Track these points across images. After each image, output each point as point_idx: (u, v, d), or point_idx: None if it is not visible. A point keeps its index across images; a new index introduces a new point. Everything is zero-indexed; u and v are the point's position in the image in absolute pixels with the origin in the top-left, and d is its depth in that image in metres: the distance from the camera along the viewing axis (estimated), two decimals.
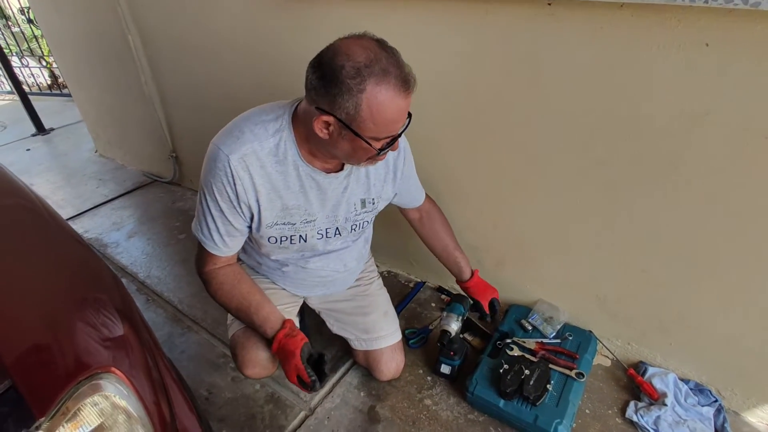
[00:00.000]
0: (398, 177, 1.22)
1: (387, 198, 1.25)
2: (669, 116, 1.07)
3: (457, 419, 1.36)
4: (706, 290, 1.24)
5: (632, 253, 1.30)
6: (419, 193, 1.37)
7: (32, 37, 5.32)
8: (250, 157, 0.99)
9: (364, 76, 0.82)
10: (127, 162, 3.28)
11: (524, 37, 1.16)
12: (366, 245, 1.42)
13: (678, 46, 0.98)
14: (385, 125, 0.89)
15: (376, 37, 0.88)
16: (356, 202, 1.18)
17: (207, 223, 1.08)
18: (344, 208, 1.16)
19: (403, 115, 0.91)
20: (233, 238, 1.11)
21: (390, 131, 0.91)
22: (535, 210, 1.43)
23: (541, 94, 1.21)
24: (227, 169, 0.98)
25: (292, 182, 1.06)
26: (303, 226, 1.14)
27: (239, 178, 0.99)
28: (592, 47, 1.08)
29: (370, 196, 1.20)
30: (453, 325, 1.38)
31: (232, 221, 1.07)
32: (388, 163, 1.19)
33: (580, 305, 1.51)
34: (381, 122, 0.88)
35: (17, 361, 0.50)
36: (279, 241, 1.15)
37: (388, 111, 0.86)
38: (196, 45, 2.05)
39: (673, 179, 1.14)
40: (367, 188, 1.18)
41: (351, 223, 1.20)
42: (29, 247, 0.74)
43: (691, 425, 1.27)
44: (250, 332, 1.24)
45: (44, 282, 0.67)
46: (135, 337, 0.65)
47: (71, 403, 0.50)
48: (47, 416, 0.47)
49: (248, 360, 1.23)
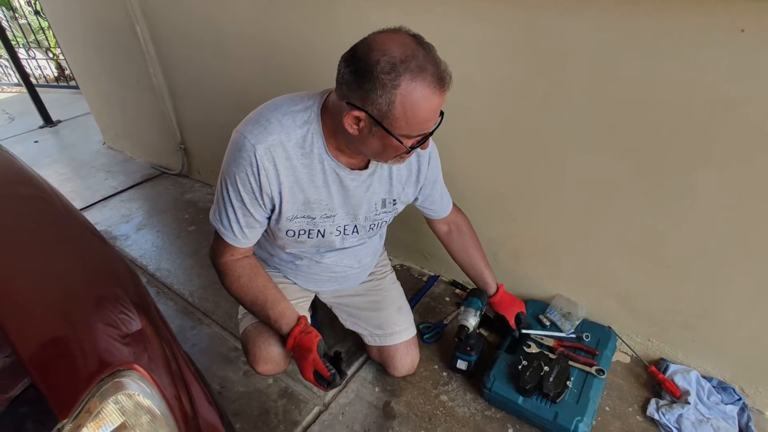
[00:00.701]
0: (421, 180, 1.19)
1: (406, 200, 1.22)
2: (701, 104, 1.03)
3: (474, 416, 1.33)
4: (734, 286, 1.20)
5: (657, 248, 1.27)
6: (446, 202, 1.33)
7: (39, 28, 5.30)
8: (277, 149, 0.96)
9: (400, 72, 0.79)
10: (136, 154, 3.27)
11: (547, 24, 1.12)
12: (380, 241, 1.40)
13: (713, 31, 0.94)
14: (417, 123, 0.86)
15: (412, 32, 0.85)
16: (377, 201, 1.15)
17: (227, 214, 1.05)
18: (365, 208, 1.14)
19: (437, 113, 0.88)
20: (252, 229, 1.09)
21: (422, 129, 0.89)
22: (555, 203, 1.39)
23: (563, 84, 1.18)
24: (252, 159, 0.95)
25: (316, 176, 1.03)
26: (322, 221, 1.11)
27: (264, 169, 0.96)
28: (621, 32, 1.04)
29: (391, 197, 1.17)
30: (471, 320, 1.36)
31: (253, 213, 1.04)
32: (411, 166, 1.16)
33: (599, 301, 1.48)
34: (414, 120, 0.85)
35: (36, 358, 0.48)
36: (297, 235, 1.12)
37: (422, 109, 0.84)
38: (205, 35, 2.01)
39: (703, 170, 1.10)
40: (389, 188, 1.15)
41: (370, 222, 1.18)
42: (45, 240, 0.72)
43: (714, 424, 1.24)
44: (262, 327, 1.22)
45: (61, 276, 0.65)
46: (153, 331, 0.63)
47: (94, 402, 0.48)
48: (70, 417, 0.45)
49: (260, 356, 1.22)
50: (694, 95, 1.02)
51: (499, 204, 1.52)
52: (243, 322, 1.30)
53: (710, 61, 0.97)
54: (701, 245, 1.19)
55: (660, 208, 1.21)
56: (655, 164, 1.15)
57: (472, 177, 1.51)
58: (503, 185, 1.47)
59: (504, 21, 1.18)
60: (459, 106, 1.38)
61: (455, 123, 1.42)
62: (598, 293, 1.47)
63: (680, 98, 1.04)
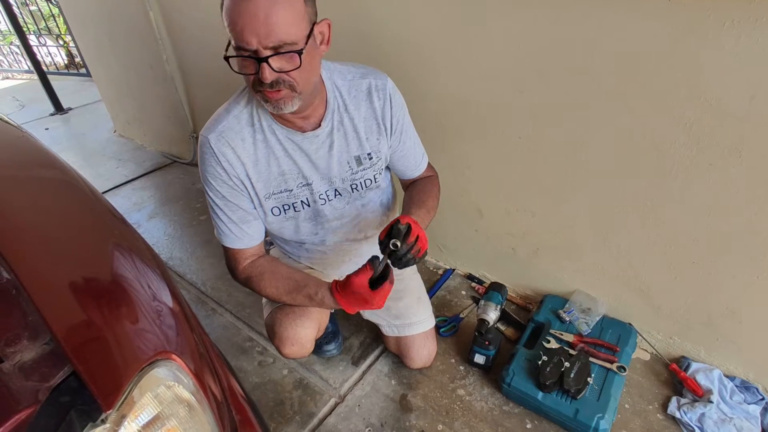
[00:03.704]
0: (389, 126, 1.10)
1: (386, 153, 1.15)
2: (735, 98, 0.99)
3: (492, 410, 1.32)
4: (760, 284, 1.17)
5: (683, 244, 1.24)
6: (416, 160, 1.21)
7: (50, 15, 5.28)
8: (228, 133, 0.99)
9: None
10: (147, 142, 3.25)
11: (575, 14, 1.09)
12: (386, 212, 1.31)
13: (754, 21, 0.91)
14: (231, 26, 0.81)
15: None
16: (349, 159, 1.10)
17: (220, 218, 1.08)
18: (336, 168, 1.09)
19: (250, 25, 0.79)
20: (249, 224, 1.09)
21: (239, 39, 0.81)
22: (576, 197, 1.36)
23: (588, 74, 1.14)
24: (211, 150, 0.99)
25: (274, 148, 1.03)
26: (301, 191, 1.10)
27: (222, 154, 1.00)
28: (656, 23, 1.01)
29: (365, 152, 1.11)
30: (491, 314, 1.34)
31: (238, 203, 1.06)
32: (375, 113, 1.08)
33: (620, 296, 1.45)
34: (227, 21, 0.81)
35: (76, 346, 0.46)
36: (283, 211, 1.11)
37: (231, 10, 0.80)
38: (219, 21, 1.98)
39: (733, 165, 1.06)
40: (358, 143, 1.09)
41: (349, 182, 1.12)
42: (75, 223, 0.70)
43: (737, 423, 1.22)
44: (289, 309, 1.21)
45: (94, 261, 0.64)
46: (185, 320, 0.62)
47: (136, 393, 0.46)
48: (115, 407, 0.43)
49: (287, 337, 1.21)
50: (727, 89, 0.99)
51: (517, 198, 1.49)
52: (268, 306, 1.29)
53: (748, 53, 0.94)
54: (730, 242, 1.16)
55: (686, 203, 1.18)
56: (682, 159, 1.12)
57: (490, 170, 1.48)
58: (522, 178, 1.44)
59: (531, 11, 1.15)
60: (478, 95, 1.36)
61: (471, 113, 1.40)
62: (619, 289, 1.44)
63: (712, 91, 1.01)
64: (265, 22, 0.79)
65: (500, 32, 1.23)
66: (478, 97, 1.37)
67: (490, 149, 1.45)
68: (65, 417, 0.42)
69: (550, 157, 1.34)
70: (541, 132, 1.32)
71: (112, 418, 0.44)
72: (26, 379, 0.45)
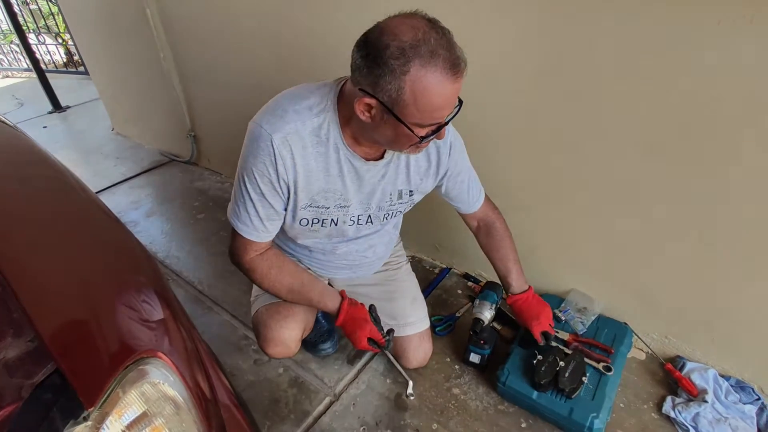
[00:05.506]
0: (441, 171, 1.15)
1: (425, 191, 1.20)
2: (739, 98, 0.99)
3: (486, 409, 1.32)
4: (757, 285, 1.17)
5: (681, 244, 1.24)
6: (473, 198, 1.26)
7: (49, 13, 5.28)
8: (293, 137, 0.95)
9: (409, 57, 0.76)
10: (145, 140, 3.25)
11: (584, 16, 1.09)
12: (395, 231, 1.38)
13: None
14: (429, 112, 0.83)
15: (428, 17, 0.81)
16: (392, 192, 1.13)
17: (246, 209, 1.04)
18: (378, 197, 1.11)
19: (451, 101, 0.84)
20: (272, 222, 1.08)
21: (435, 118, 0.85)
22: (574, 196, 1.36)
23: (591, 75, 1.14)
24: (270, 148, 0.94)
25: (331, 165, 1.01)
26: (336, 211, 1.10)
27: (281, 157, 0.95)
28: (652, 24, 1.01)
29: (408, 188, 1.14)
30: (486, 313, 1.34)
31: (273, 203, 1.03)
32: (430, 156, 1.12)
33: (616, 296, 1.45)
34: (425, 108, 0.82)
35: (60, 343, 0.46)
36: (310, 224, 1.11)
37: (433, 96, 0.80)
38: (217, 18, 1.98)
39: (734, 167, 1.06)
40: (406, 179, 1.12)
41: (384, 212, 1.16)
42: (66, 223, 0.70)
43: (732, 423, 1.22)
44: (274, 310, 1.23)
45: (83, 260, 0.63)
46: (174, 318, 0.62)
47: (118, 390, 0.46)
48: (97, 405, 0.43)
49: (271, 338, 1.23)
50: (726, 90, 0.99)
51: (515, 196, 1.49)
52: (255, 304, 1.30)
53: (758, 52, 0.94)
54: (725, 243, 1.16)
55: (683, 204, 1.18)
56: (681, 160, 1.12)
57: (488, 168, 1.48)
58: (519, 177, 1.44)
59: (531, 11, 1.15)
60: (479, 98, 1.36)
61: (470, 114, 1.39)
62: (616, 288, 1.44)
63: (714, 92, 1.01)
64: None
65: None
66: (477, 97, 1.36)
67: (489, 148, 1.44)
68: (48, 414, 0.42)
69: (547, 156, 1.34)
70: (538, 130, 1.32)
71: (95, 416, 0.43)
72: (10, 376, 0.45)
